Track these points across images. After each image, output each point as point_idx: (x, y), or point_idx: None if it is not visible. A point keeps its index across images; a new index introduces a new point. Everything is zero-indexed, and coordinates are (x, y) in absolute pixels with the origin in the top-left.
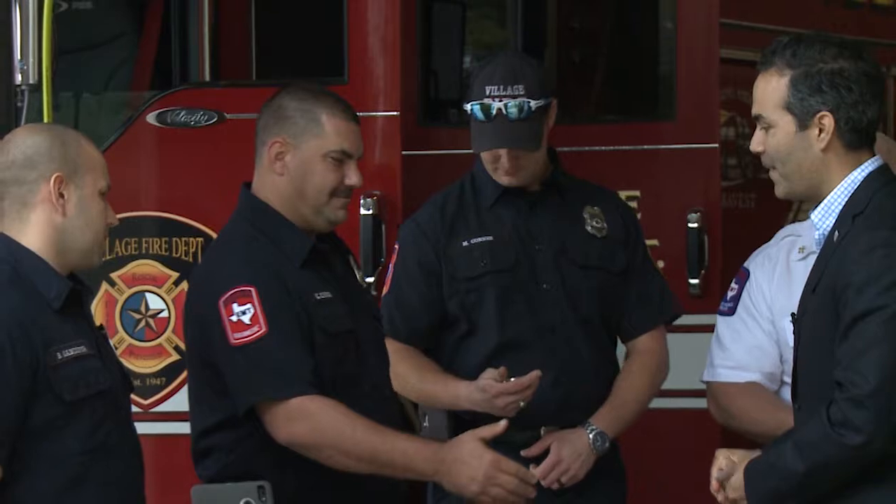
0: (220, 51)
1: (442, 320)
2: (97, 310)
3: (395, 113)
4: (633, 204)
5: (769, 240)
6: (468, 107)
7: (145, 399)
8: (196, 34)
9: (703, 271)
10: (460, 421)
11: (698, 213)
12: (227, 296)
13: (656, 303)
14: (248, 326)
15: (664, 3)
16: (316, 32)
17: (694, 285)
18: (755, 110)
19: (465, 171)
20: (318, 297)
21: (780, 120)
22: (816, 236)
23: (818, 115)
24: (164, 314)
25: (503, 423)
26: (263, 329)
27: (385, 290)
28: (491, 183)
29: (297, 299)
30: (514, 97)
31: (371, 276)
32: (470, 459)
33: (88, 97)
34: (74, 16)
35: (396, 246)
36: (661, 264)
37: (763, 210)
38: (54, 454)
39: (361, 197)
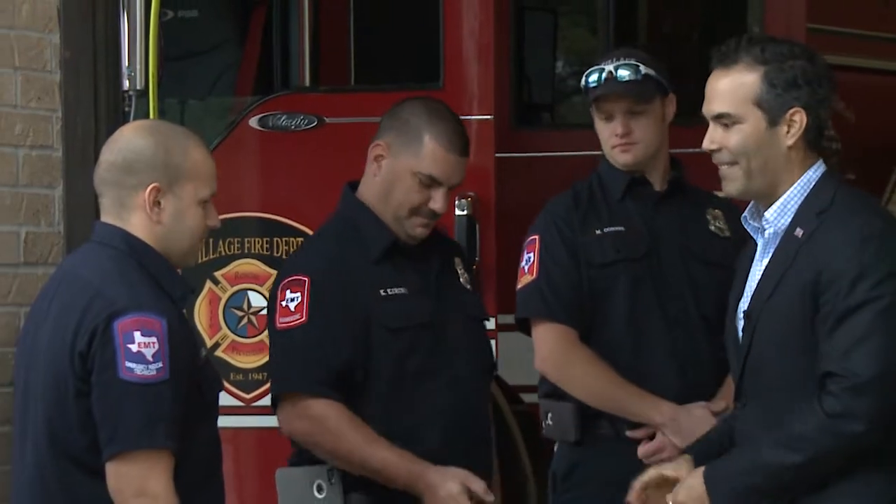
0: (319, 57)
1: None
2: (201, 307)
3: (488, 117)
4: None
5: None
6: (583, 82)
7: (247, 393)
8: (296, 41)
9: None
10: (586, 416)
11: None
12: (284, 282)
13: None
14: (292, 313)
15: (752, 8)
16: (413, 39)
17: None
18: (716, 108)
19: (558, 172)
20: (388, 293)
21: (749, 115)
22: (768, 234)
23: (791, 112)
24: (266, 311)
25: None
26: (303, 319)
27: (530, 277)
28: (618, 176)
29: (359, 295)
30: (624, 64)
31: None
32: (444, 496)
33: (193, 102)
34: (180, 24)
35: (536, 236)
36: None
37: None
38: (187, 452)
39: (456, 198)
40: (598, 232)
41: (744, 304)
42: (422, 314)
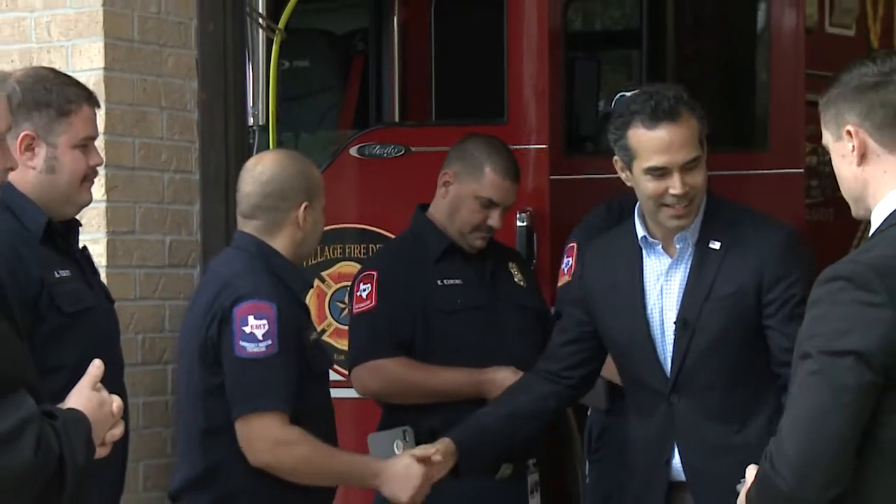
0: (406, 97)
1: None
2: (311, 301)
3: (544, 146)
4: None
5: (845, 247)
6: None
7: (348, 370)
8: (388, 84)
9: None
10: (616, 388)
11: None
12: (359, 277)
13: None
14: (365, 300)
15: (760, 58)
16: (483, 82)
17: None
18: (689, 154)
19: (601, 191)
20: (444, 283)
21: (701, 153)
22: (679, 247)
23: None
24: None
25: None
26: (373, 304)
27: (568, 278)
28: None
29: (417, 285)
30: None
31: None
32: (500, 382)
33: (305, 135)
34: (295, 72)
35: (574, 243)
36: None
37: (839, 223)
38: (303, 415)
39: (517, 212)
40: None
41: (659, 313)
42: (475, 299)
